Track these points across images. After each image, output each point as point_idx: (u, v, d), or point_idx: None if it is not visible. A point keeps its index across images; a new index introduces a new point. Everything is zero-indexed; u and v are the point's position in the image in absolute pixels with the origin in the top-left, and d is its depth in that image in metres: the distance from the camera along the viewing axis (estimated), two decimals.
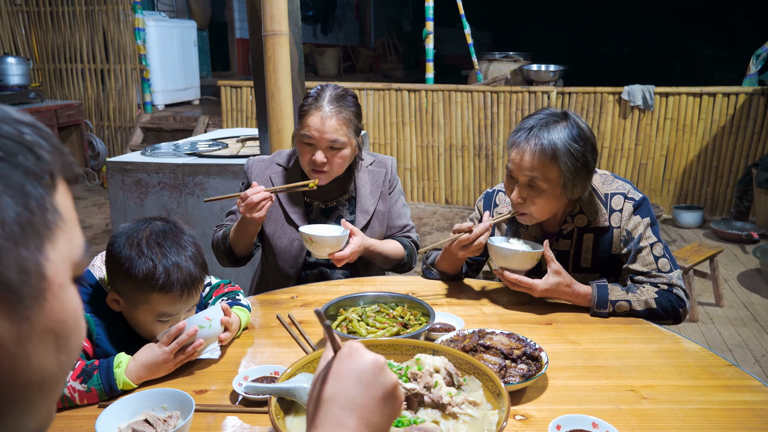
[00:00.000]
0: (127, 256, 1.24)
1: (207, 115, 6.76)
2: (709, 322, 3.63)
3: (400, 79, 10.00)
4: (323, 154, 1.85)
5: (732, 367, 1.33)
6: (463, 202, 6.05)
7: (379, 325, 1.42)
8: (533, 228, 1.79)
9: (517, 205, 1.66)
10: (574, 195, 1.65)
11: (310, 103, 1.87)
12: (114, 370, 1.20)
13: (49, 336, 0.45)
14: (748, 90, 5.31)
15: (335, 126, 1.84)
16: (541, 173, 1.59)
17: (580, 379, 1.29)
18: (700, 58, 12.85)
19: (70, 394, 1.18)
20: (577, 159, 1.58)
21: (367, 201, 2.00)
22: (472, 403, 1.02)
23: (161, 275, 1.24)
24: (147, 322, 1.31)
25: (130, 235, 1.27)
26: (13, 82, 6.31)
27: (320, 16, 12.47)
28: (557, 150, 1.57)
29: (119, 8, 6.78)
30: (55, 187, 0.46)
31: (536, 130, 1.60)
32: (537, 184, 1.60)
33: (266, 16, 2.64)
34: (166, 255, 1.26)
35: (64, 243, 0.47)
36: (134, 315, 1.31)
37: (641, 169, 5.62)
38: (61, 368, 0.48)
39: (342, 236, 1.75)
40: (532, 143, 1.59)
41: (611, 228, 1.70)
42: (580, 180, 1.61)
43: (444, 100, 5.82)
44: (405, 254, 2.02)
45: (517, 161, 1.62)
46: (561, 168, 1.57)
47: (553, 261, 1.59)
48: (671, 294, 1.61)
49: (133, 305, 1.29)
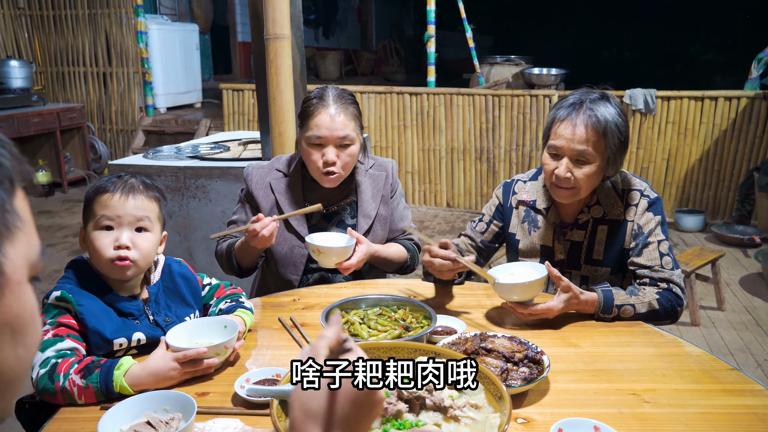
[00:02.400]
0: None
1: (209, 118, 6.77)
2: (711, 326, 3.62)
3: (401, 83, 10.01)
4: (334, 151, 1.84)
5: (734, 371, 1.33)
6: (464, 206, 6.05)
7: (380, 328, 1.42)
8: (552, 215, 1.80)
9: (564, 180, 1.65)
10: (611, 173, 1.69)
11: (315, 104, 1.86)
12: (113, 372, 1.20)
13: (6, 330, 0.49)
14: (749, 94, 5.30)
15: (344, 122, 1.83)
16: (592, 146, 1.61)
17: (581, 383, 1.28)
18: (702, 62, 12.86)
19: (69, 388, 1.18)
20: (622, 134, 1.64)
21: (369, 205, 2.00)
22: (474, 406, 1.02)
23: (102, 183, 1.34)
24: (94, 237, 1.32)
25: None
26: (15, 85, 6.32)
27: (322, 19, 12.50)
28: (608, 124, 1.61)
29: (121, 11, 6.80)
30: (14, 191, 0.49)
31: (587, 104, 1.63)
32: (587, 158, 1.62)
33: (268, 20, 2.65)
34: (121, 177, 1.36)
35: (22, 243, 0.50)
36: (89, 242, 1.33)
37: (643, 172, 5.62)
38: (19, 362, 0.51)
39: (349, 245, 1.75)
40: (585, 116, 1.62)
41: (625, 221, 1.73)
42: (620, 157, 1.67)
43: (445, 104, 5.82)
44: (408, 257, 2.02)
45: (568, 135, 1.63)
46: (609, 142, 1.62)
47: (560, 278, 1.55)
48: (670, 293, 1.63)
49: (88, 231, 1.34)
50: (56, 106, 6.59)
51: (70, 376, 1.19)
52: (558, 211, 1.81)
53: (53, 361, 1.21)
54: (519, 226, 1.87)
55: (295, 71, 2.80)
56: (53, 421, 1.16)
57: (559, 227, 1.79)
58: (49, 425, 1.14)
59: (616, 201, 1.74)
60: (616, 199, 1.74)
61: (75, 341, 1.27)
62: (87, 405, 1.20)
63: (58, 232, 5.32)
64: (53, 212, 5.97)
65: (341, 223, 1.99)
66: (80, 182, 6.87)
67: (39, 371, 1.21)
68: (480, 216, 1.96)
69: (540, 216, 1.83)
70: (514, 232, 1.87)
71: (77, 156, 6.94)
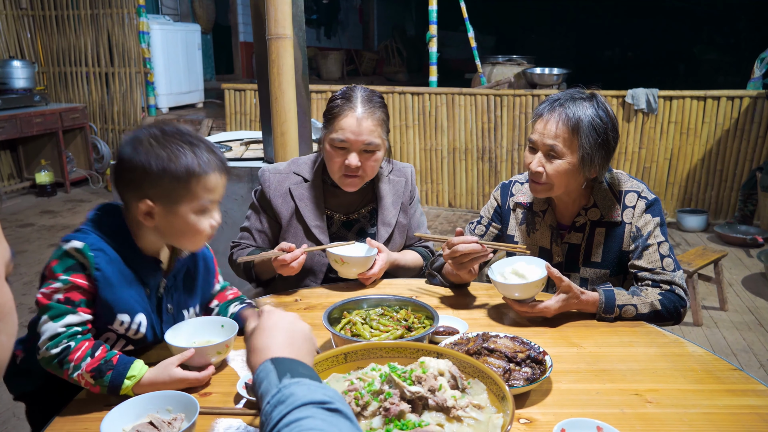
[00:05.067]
0: (154, 156, 1.22)
1: (211, 118, 6.78)
2: (713, 326, 3.62)
3: (403, 83, 10.00)
4: (357, 157, 1.79)
5: (737, 371, 1.33)
6: (466, 206, 6.05)
7: (383, 328, 1.42)
8: (548, 218, 1.80)
9: (535, 174, 1.67)
10: (591, 174, 1.68)
11: (341, 105, 1.79)
12: (124, 380, 1.20)
13: None
14: (752, 94, 5.30)
15: (370, 127, 1.77)
16: (561, 142, 1.62)
17: (584, 383, 1.28)
18: (705, 62, 12.83)
19: (78, 380, 1.20)
20: (599, 134, 1.62)
21: (389, 212, 1.95)
22: (477, 406, 1.02)
23: (195, 161, 1.24)
24: (188, 219, 1.27)
25: (137, 144, 1.24)
26: (18, 85, 6.33)
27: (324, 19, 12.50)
28: (580, 122, 1.62)
29: (124, 12, 6.81)
30: None
31: (562, 101, 1.65)
32: (557, 153, 1.63)
33: (270, 20, 2.65)
34: (189, 142, 1.26)
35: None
36: (172, 218, 1.26)
37: (645, 172, 5.61)
38: (2, 348, 0.58)
39: (371, 256, 1.73)
40: (557, 113, 1.64)
41: (623, 223, 1.72)
42: (599, 158, 1.65)
43: (447, 104, 5.82)
44: (424, 265, 2.00)
45: (540, 129, 1.66)
46: (582, 141, 1.62)
47: (561, 279, 1.56)
48: (673, 294, 1.62)
49: (170, 206, 1.25)
50: (59, 106, 6.61)
51: (80, 370, 1.19)
52: (555, 214, 1.80)
53: (65, 343, 1.20)
54: (517, 228, 1.87)
55: (297, 71, 2.80)
56: (56, 421, 1.16)
57: (557, 229, 1.79)
58: (52, 425, 1.15)
59: (614, 203, 1.73)
60: (613, 201, 1.73)
61: (85, 311, 1.24)
62: None
63: (60, 232, 5.32)
64: (56, 212, 5.98)
65: (362, 231, 1.95)
66: (82, 182, 6.88)
67: (49, 347, 1.20)
68: (478, 218, 1.95)
69: (537, 218, 1.82)
70: (513, 234, 1.87)
71: (80, 156, 6.95)
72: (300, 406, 0.73)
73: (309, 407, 0.73)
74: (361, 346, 1.17)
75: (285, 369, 0.83)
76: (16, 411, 2.71)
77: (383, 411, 0.97)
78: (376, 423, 0.97)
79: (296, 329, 0.95)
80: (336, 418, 0.73)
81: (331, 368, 1.14)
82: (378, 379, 1.05)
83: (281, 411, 0.74)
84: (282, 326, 0.94)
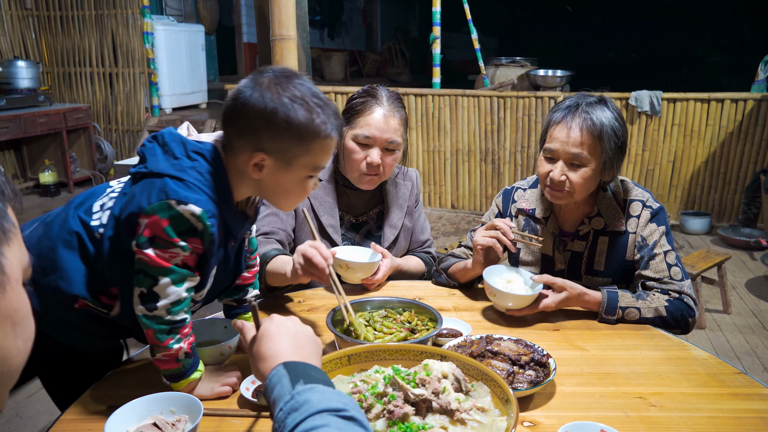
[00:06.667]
0: (280, 103, 1.13)
1: (214, 119, 6.79)
2: (717, 329, 3.61)
3: (406, 84, 10.01)
4: (379, 154, 1.77)
5: (741, 375, 1.32)
6: (469, 207, 6.04)
7: (386, 330, 1.42)
8: (551, 225, 1.79)
9: (558, 183, 1.64)
10: (607, 178, 1.67)
11: (366, 100, 1.77)
12: (194, 374, 1.21)
13: (7, 321, 0.54)
14: (756, 96, 5.28)
15: (395, 126, 1.77)
16: (587, 149, 1.60)
17: (588, 386, 1.28)
18: (708, 64, 12.82)
19: (165, 352, 1.17)
20: (619, 138, 1.62)
21: (396, 216, 1.95)
22: (480, 409, 1.02)
23: (323, 122, 1.16)
24: (299, 179, 1.21)
25: (264, 90, 1.14)
26: (22, 85, 6.35)
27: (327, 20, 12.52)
28: (604, 127, 1.60)
29: (128, 12, 6.83)
30: (6, 203, 0.56)
31: (583, 107, 1.62)
32: (582, 161, 1.61)
33: (274, 21, 2.66)
34: (317, 104, 1.17)
35: (17, 248, 0.56)
36: (282, 175, 1.19)
37: (648, 174, 5.61)
38: (18, 352, 0.56)
39: (376, 261, 1.73)
40: (580, 119, 1.60)
41: (627, 233, 1.71)
42: (617, 162, 1.65)
43: (450, 105, 5.82)
44: (425, 270, 2.01)
45: (563, 138, 1.62)
46: (605, 146, 1.60)
47: (553, 282, 1.58)
48: (681, 303, 1.60)
49: (286, 161, 1.17)
50: (62, 107, 6.62)
51: (181, 343, 1.17)
52: (557, 221, 1.79)
53: (184, 314, 1.17)
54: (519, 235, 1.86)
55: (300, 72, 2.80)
56: (60, 422, 1.16)
57: (559, 237, 1.78)
58: (56, 426, 1.15)
59: (618, 212, 1.71)
60: (617, 210, 1.72)
61: (197, 273, 1.19)
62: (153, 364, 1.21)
63: None
64: None
65: (369, 234, 1.95)
66: (86, 182, 6.89)
67: (172, 311, 1.15)
68: (480, 224, 1.94)
69: (539, 225, 1.82)
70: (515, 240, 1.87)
71: (83, 156, 6.96)
72: (315, 414, 0.74)
73: (324, 415, 0.73)
74: (365, 348, 1.17)
75: (298, 374, 0.83)
76: (19, 410, 2.71)
77: (387, 413, 0.97)
78: (379, 425, 0.97)
79: (300, 332, 0.96)
80: (351, 426, 0.73)
81: (335, 370, 1.14)
82: (382, 381, 1.05)
83: (296, 418, 0.74)
84: (286, 331, 0.95)
